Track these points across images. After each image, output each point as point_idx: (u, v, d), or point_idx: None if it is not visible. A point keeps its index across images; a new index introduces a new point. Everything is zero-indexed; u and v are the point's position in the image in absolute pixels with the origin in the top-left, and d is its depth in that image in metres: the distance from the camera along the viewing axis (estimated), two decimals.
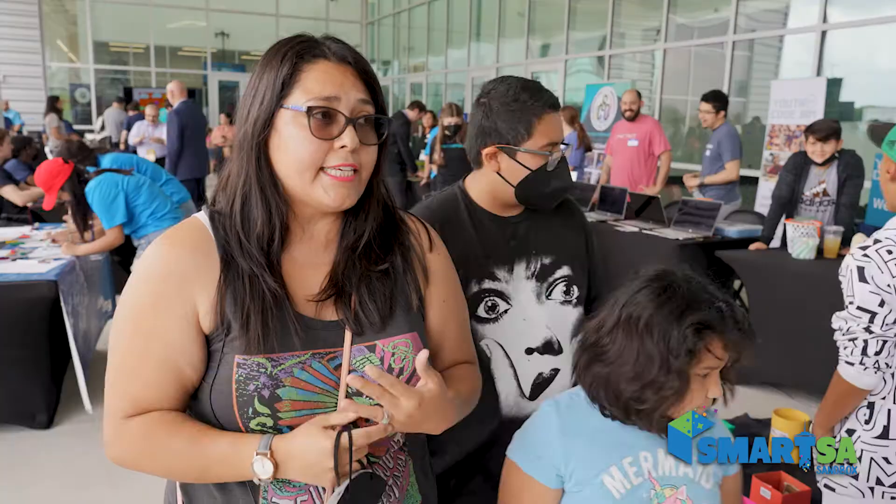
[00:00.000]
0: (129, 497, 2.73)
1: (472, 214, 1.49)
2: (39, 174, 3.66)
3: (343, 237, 1.04)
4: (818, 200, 4.19)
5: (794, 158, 4.30)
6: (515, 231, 1.49)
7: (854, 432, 1.70)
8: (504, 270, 1.47)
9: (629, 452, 1.13)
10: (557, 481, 1.14)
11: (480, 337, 1.46)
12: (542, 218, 1.52)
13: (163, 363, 0.95)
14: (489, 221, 1.49)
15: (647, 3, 8.43)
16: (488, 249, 1.46)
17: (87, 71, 15.24)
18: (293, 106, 0.95)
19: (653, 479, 1.13)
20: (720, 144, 5.19)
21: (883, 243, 1.63)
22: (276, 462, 0.91)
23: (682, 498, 1.14)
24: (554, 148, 1.43)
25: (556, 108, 1.44)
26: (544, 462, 1.13)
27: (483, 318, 1.46)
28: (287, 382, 0.94)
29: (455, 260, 1.24)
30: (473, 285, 1.45)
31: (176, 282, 0.95)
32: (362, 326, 1.01)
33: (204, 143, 7.57)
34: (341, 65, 0.98)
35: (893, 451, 1.62)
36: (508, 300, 1.47)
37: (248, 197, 0.98)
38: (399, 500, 1.06)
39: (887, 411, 1.64)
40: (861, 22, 5.95)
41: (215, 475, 0.95)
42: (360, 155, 0.98)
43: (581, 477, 1.12)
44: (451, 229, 1.39)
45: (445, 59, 13.08)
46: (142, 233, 3.81)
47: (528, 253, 1.48)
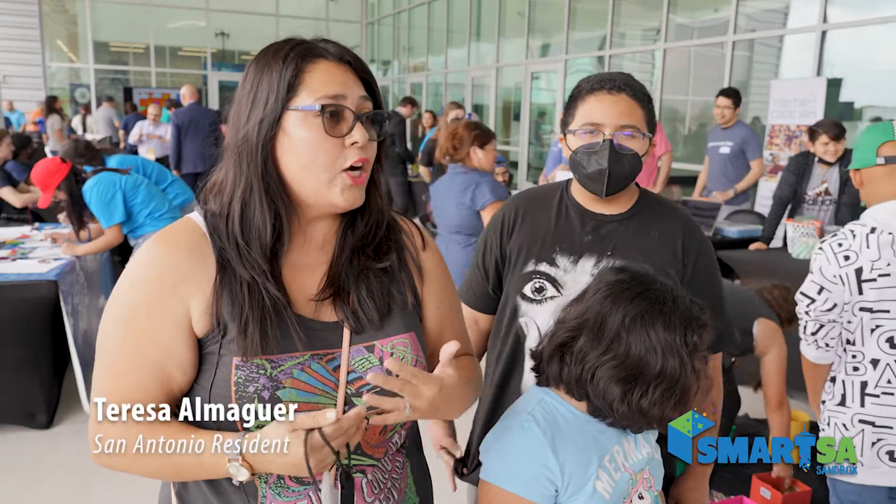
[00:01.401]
0: (129, 497, 2.73)
1: (562, 202, 1.51)
2: (36, 172, 3.65)
3: (343, 237, 1.04)
4: (820, 200, 4.20)
5: (797, 159, 4.31)
6: (598, 227, 1.48)
7: (825, 403, 1.93)
8: (567, 260, 1.46)
9: (605, 451, 1.13)
10: (554, 497, 1.11)
11: (521, 314, 1.48)
12: (640, 224, 1.48)
13: (151, 365, 0.94)
14: (574, 212, 1.50)
15: (647, 3, 8.43)
16: (559, 236, 1.47)
17: (87, 71, 15.24)
18: (303, 106, 0.95)
19: (628, 469, 1.14)
20: (744, 141, 5.11)
21: (837, 237, 1.83)
22: (250, 464, 0.89)
23: (646, 477, 1.17)
24: (597, 128, 1.40)
25: (603, 90, 1.42)
26: (542, 481, 1.08)
27: (528, 297, 1.47)
28: (287, 384, 0.94)
29: (526, 239, 1.46)
30: (530, 265, 1.47)
31: (170, 283, 0.95)
32: (361, 324, 1.01)
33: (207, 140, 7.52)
34: (341, 64, 0.99)
35: (849, 417, 1.85)
36: (560, 288, 1.46)
37: (248, 202, 0.97)
38: (398, 501, 1.06)
39: (842, 382, 1.87)
40: (861, 22, 5.95)
41: (192, 476, 0.95)
42: (368, 151, 0.99)
43: (575, 486, 1.10)
44: (534, 209, 1.51)
45: (445, 59, 13.08)
46: (139, 233, 3.80)
47: (601, 251, 1.46)
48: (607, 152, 1.39)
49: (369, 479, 1.02)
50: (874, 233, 1.78)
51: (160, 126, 9.02)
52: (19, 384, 3.29)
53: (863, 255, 1.78)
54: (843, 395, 1.87)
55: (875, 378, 1.81)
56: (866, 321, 1.80)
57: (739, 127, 5.18)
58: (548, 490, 1.08)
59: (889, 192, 1.83)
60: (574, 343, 1.10)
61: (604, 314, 1.08)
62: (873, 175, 1.86)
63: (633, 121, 1.40)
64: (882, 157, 1.82)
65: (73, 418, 3.46)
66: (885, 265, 1.76)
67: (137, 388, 0.94)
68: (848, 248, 1.80)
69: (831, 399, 1.90)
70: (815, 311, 1.84)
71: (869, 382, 1.82)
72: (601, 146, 1.40)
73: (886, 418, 1.79)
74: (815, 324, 1.85)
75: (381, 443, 1.04)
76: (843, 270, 1.79)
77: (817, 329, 1.85)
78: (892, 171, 1.82)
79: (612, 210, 1.48)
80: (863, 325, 1.81)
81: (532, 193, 1.58)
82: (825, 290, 1.82)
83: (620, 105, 1.40)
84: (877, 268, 1.76)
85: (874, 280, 1.77)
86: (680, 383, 1.06)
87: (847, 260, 1.79)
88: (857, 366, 1.84)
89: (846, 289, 1.79)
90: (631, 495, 1.14)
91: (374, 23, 16.73)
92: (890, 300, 1.77)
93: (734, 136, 5.17)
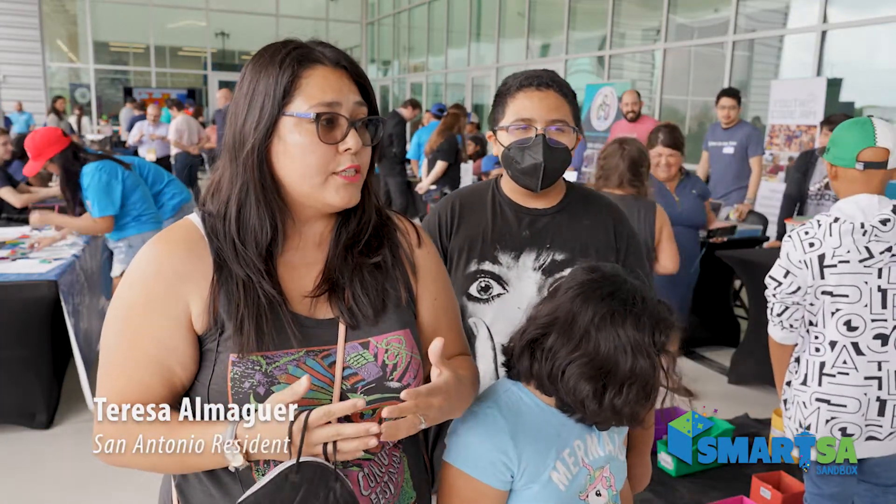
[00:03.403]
0: (128, 497, 2.73)
1: (495, 200, 1.54)
2: (32, 138, 3.52)
3: (338, 236, 1.06)
4: (821, 194, 4.25)
5: (802, 157, 4.42)
6: (533, 222, 1.51)
7: (791, 383, 2.05)
8: (509, 257, 1.49)
9: (566, 444, 1.15)
10: (510, 483, 1.14)
11: (469, 315, 1.50)
12: (572, 215, 1.53)
13: (152, 361, 0.96)
14: (508, 208, 1.53)
15: (647, 3, 8.44)
16: (497, 234, 1.50)
17: (87, 71, 15.25)
18: (298, 113, 0.96)
19: (587, 465, 1.16)
20: (749, 139, 5.09)
21: (805, 225, 1.97)
22: (244, 448, 0.89)
23: (606, 475, 1.18)
24: (528, 123, 1.44)
25: (532, 86, 1.46)
26: (499, 467, 1.11)
27: (474, 297, 1.49)
28: (282, 380, 0.95)
29: (466, 239, 1.47)
30: (473, 264, 1.49)
31: (169, 282, 0.96)
32: (357, 320, 1.02)
33: None
34: (337, 69, 0.99)
35: (808, 395, 1.97)
36: (505, 285, 1.49)
37: (244, 203, 0.99)
38: (394, 496, 1.07)
39: (805, 362, 2.00)
40: (861, 22, 5.96)
41: (193, 466, 0.95)
42: (361, 156, 1.00)
43: (531, 475, 1.13)
44: (469, 209, 1.53)
45: (445, 59, 13.09)
46: (119, 234, 3.74)
47: (540, 245, 1.49)
48: (541, 147, 1.42)
49: (365, 472, 1.03)
50: (837, 222, 1.90)
51: (160, 126, 9.01)
52: (19, 384, 3.29)
53: (826, 242, 1.91)
54: (805, 374, 2.00)
55: (832, 359, 1.93)
56: (827, 305, 1.93)
57: (742, 126, 5.17)
58: (504, 476, 1.12)
59: (861, 191, 1.93)
60: (545, 340, 1.13)
61: (574, 312, 1.10)
62: (849, 175, 1.95)
63: (562, 115, 1.45)
64: (861, 163, 1.92)
65: (73, 418, 3.45)
66: (846, 252, 1.88)
67: (139, 386, 0.96)
68: (813, 235, 1.93)
69: (796, 378, 2.03)
70: (781, 294, 1.98)
71: (827, 363, 1.94)
72: (534, 141, 1.43)
73: (840, 396, 1.91)
74: (780, 305, 1.99)
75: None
76: (807, 256, 1.93)
77: (783, 311, 1.99)
78: (869, 175, 1.92)
79: (544, 204, 1.52)
80: (824, 309, 1.94)
81: (464, 192, 1.61)
82: (791, 273, 1.96)
83: (549, 101, 1.45)
84: (838, 254, 1.89)
85: (835, 266, 1.89)
86: (650, 383, 1.09)
87: (812, 247, 1.93)
88: (818, 347, 1.97)
89: (809, 272, 1.93)
90: (588, 491, 1.16)
91: (374, 23, 16.74)
92: (848, 285, 1.90)
93: (738, 135, 5.14)
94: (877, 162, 1.91)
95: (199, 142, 8.81)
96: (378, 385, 1.01)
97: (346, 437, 0.88)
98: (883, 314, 1.90)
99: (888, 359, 1.91)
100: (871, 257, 1.87)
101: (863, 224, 1.87)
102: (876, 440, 1.92)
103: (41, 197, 5.13)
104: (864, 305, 1.89)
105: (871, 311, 1.90)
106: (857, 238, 1.87)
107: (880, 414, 1.91)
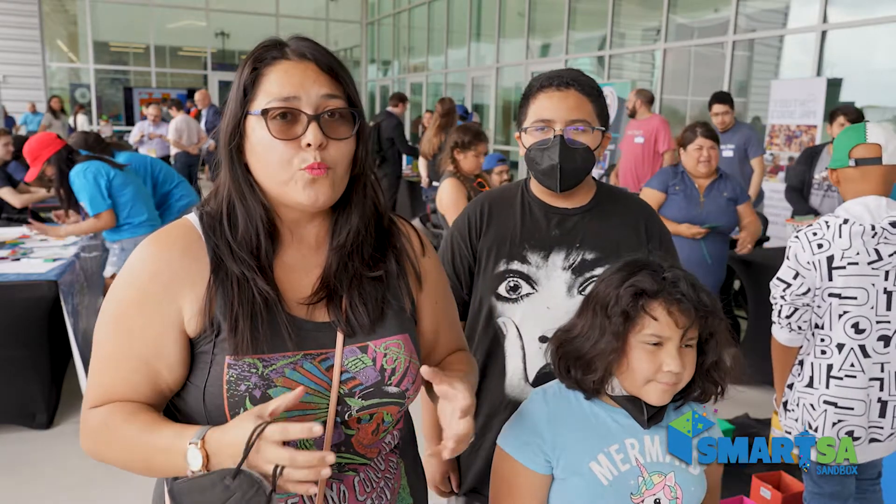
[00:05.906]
0: (128, 497, 2.73)
1: (524, 200, 1.54)
2: (29, 144, 3.60)
3: (333, 237, 1.04)
4: (826, 185, 4.28)
5: (807, 150, 4.51)
6: (563, 221, 1.51)
7: (793, 385, 2.05)
8: (538, 256, 1.48)
9: (615, 440, 1.15)
10: (547, 467, 1.16)
11: (498, 314, 1.50)
12: (601, 214, 1.52)
13: (140, 362, 0.95)
14: (538, 208, 1.53)
15: (647, 3, 8.43)
16: (527, 234, 1.50)
17: (87, 71, 15.23)
18: (253, 111, 0.96)
19: (640, 466, 1.14)
20: (748, 142, 5.08)
21: (813, 226, 1.95)
22: (206, 452, 0.85)
23: (670, 484, 1.16)
24: (548, 124, 1.44)
25: (552, 87, 1.44)
26: (533, 448, 1.15)
27: (503, 297, 1.49)
28: (278, 383, 0.93)
29: (495, 239, 1.48)
30: (502, 264, 1.49)
31: (164, 282, 0.96)
32: (353, 329, 1.01)
33: None
34: (301, 62, 0.97)
35: (816, 398, 1.96)
36: (534, 285, 1.48)
37: (231, 202, 1.00)
38: (391, 501, 1.06)
39: (810, 364, 1.99)
40: (861, 22, 5.95)
41: (159, 467, 0.91)
42: (330, 151, 0.96)
43: (568, 464, 1.14)
44: (498, 210, 1.54)
45: (445, 59, 13.07)
46: (115, 236, 3.75)
47: (570, 245, 1.49)
48: (558, 147, 1.42)
49: (361, 477, 1.02)
50: (847, 224, 1.89)
51: (160, 126, 9.01)
52: (19, 384, 3.29)
53: (835, 243, 1.89)
54: (811, 377, 1.98)
55: (840, 361, 1.92)
56: (835, 307, 1.92)
57: (739, 128, 5.15)
58: (536, 457, 1.15)
59: (863, 190, 1.94)
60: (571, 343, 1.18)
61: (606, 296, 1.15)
62: (847, 175, 1.97)
63: (583, 115, 1.43)
64: (853, 160, 1.94)
65: (73, 418, 3.46)
66: (855, 254, 1.87)
67: (125, 384, 0.96)
68: (822, 237, 1.92)
69: (800, 381, 2.02)
70: (790, 295, 1.95)
71: (834, 365, 1.93)
72: (552, 142, 1.43)
73: (848, 399, 1.91)
74: (789, 307, 1.96)
75: (374, 443, 1.04)
76: (815, 257, 1.91)
77: (791, 312, 1.96)
78: (864, 172, 1.93)
79: (573, 203, 1.52)
80: (831, 311, 1.93)
81: (494, 193, 1.61)
82: (800, 275, 1.94)
83: (569, 100, 1.43)
84: (847, 256, 1.88)
85: (843, 268, 1.88)
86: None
87: (820, 248, 1.91)
88: (825, 349, 1.95)
89: (818, 274, 1.91)
90: (644, 495, 1.14)
91: (374, 23, 16.72)
92: (857, 287, 1.89)
93: (735, 138, 5.12)
94: (869, 158, 1.91)
95: (198, 142, 8.81)
96: (376, 389, 1.00)
97: (298, 465, 0.81)
98: (887, 316, 1.90)
99: (890, 360, 1.91)
100: (880, 259, 1.87)
101: (873, 226, 1.87)
102: (877, 441, 1.93)
103: (41, 197, 5.13)
104: (870, 307, 1.89)
105: (876, 314, 1.90)
106: (866, 240, 1.87)
107: (881, 415, 1.91)
